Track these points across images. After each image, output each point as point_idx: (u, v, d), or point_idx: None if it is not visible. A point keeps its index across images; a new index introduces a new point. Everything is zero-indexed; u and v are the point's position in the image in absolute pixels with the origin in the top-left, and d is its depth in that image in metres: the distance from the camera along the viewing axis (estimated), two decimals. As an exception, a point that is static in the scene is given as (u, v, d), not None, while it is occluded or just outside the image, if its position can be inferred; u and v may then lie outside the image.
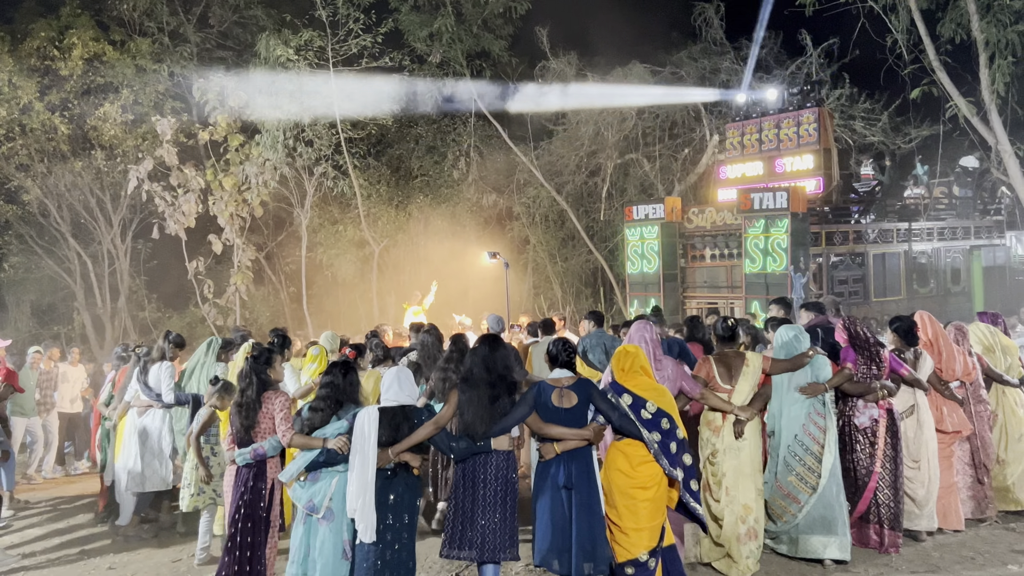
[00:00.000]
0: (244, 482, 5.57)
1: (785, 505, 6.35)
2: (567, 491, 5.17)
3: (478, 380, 5.29)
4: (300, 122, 18.05)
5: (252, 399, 5.59)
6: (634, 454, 5.27)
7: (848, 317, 6.97)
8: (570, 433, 5.23)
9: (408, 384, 5.38)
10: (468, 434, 5.25)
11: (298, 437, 5.38)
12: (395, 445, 5.18)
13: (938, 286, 15.51)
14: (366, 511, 5.06)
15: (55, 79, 18.25)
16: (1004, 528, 7.11)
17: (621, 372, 5.45)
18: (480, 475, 5.28)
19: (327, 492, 5.24)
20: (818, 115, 14.87)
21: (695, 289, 15.18)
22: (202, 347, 8.11)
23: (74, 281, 20.73)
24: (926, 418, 6.85)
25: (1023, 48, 12.97)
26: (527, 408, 5.26)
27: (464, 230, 21.02)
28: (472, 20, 18.97)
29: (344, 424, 5.33)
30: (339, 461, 5.26)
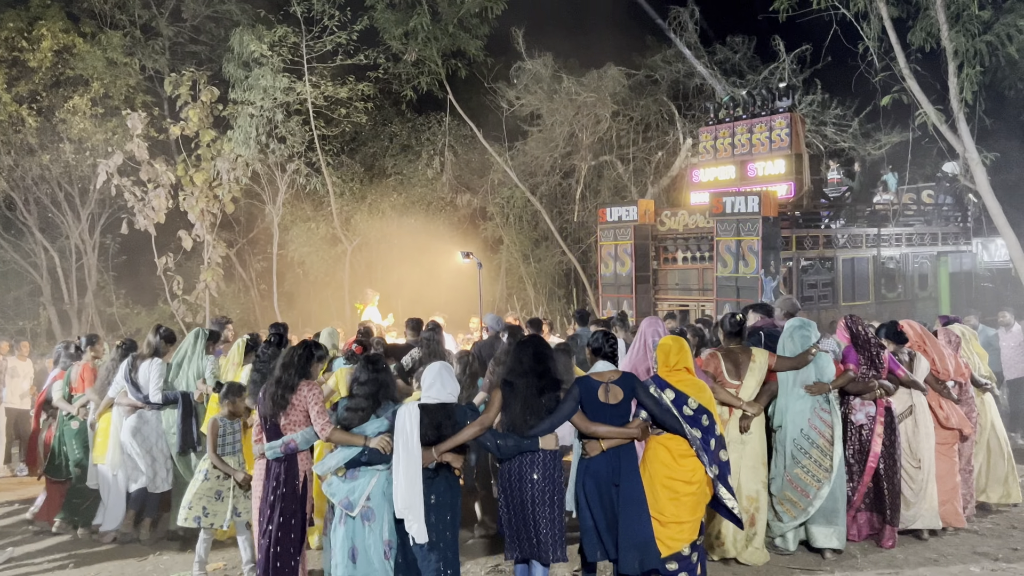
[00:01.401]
0: (276, 476, 5.38)
1: (795, 499, 6.50)
2: (614, 487, 5.19)
3: (523, 375, 5.22)
4: (273, 118, 17.92)
5: (289, 384, 5.37)
6: (675, 448, 5.34)
7: (850, 317, 7.10)
8: (615, 432, 5.22)
9: (450, 381, 5.29)
10: (515, 430, 5.17)
11: (338, 433, 5.22)
12: (438, 444, 5.08)
13: (906, 291, 15.70)
14: (416, 512, 4.96)
15: (23, 70, 17.98)
16: (968, 530, 7.22)
17: (665, 368, 5.51)
18: (528, 474, 5.17)
19: (365, 490, 5.13)
20: (790, 120, 14.99)
21: (667, 291, 15.24)
22: (188, 339, 7.74)
23: (40, 276, 20.43)
24: (923, 418, 7.04)
25: (991, 58, 13.18)
26: (574, 404, 5.23)
27: (438, 229, 20.97)
28: (448, 19, 18.92)
29: (384, 422, 5.22)
30: (382, 461, 5.14)
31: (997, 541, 6.93)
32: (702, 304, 14.31)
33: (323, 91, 18.82)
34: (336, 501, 5.16)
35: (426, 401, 5.19)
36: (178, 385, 7.47)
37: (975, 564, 6.38)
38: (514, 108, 20.34)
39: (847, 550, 6.64)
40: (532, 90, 20.01)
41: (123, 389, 7.50)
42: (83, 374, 8.14)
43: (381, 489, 5.13)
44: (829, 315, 13.19)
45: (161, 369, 7.43)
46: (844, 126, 18.77)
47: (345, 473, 5.19)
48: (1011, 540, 6.95)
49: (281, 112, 18.03)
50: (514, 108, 20.34)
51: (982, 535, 7.10)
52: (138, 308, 21.16)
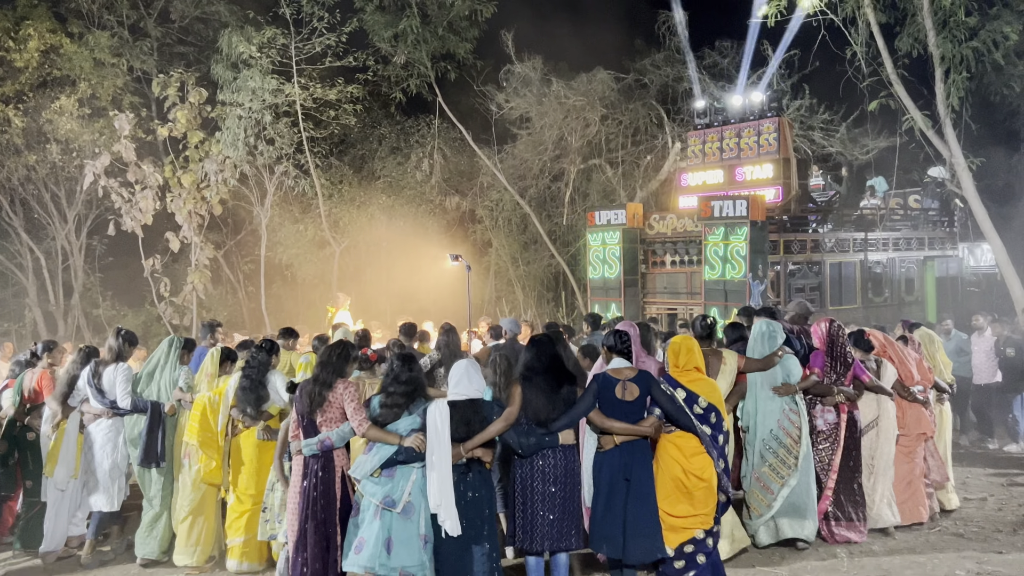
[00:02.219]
0: (313, 473, 5.39)
1: (761, 496, 6.67)
2: (626, 482, 5.33)
3: (541, 371, 5.42)
4: (262, 120, 17.86)
5: (326, 382, 5.41)
6: (686, 446, 5.48)
7: (833, 322, 7.20)
8: (630, 429, 5.38)
9: (477, 378, 5.37)
10: (536, 424, 5.33)
11: (373, 429, 5.24)
12: (468, 441, 5.17)
13: (892, 295, 15.78)
14: (449, 506, 5.03)
15: (9, 70, 17.87)
16: (953, 533, 7.26)
17: (676, 368, 5.66)
18: (549, 469, 5.35)
19: (406, 487, 5.15)
20: (778, 125, 15.05)
21: (655, 295, 15.27)
22: (162, 347, 7.30)
23: (26, 277, 20.30)
24: (885, 424, 7.20)
25: (977, 64, 13.26)
26: (592, 399, 5.40)
27: (426, 232, 20.95)
28: (438, 22, 18.92)
29: (416, 419, 5.24)
30: (418, 459, 5.17)
31: (982, 543, 6.98)
32: (690, 308, 14.33)
33: (312, 93, 18.78)
34: (377, 501, 5.14)
35: (454, 398, 5.26)
36: (148, 395, 7.04)
37: (960, 567, 6.41)
38: (503, 111, 20.36)
39: (832, 552, 6.69)
40: (521, 93, 20.03)
41: (85, 397, 7.09)
42: (40, 381, 7.56)
43: (419, 486, 5.18)
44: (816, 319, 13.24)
45: (128, 374, 7.05)
46: (832, 131, 18.86)
47: (381, 473, 5.21)
48: (995, 543, 7.00)
49: (270, 114, 17.98)
50: (503, 111, 20.36)
51: (967, 538, 7.14)
52: (125, 310, 21.03)
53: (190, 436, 6.69)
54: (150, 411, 6.94)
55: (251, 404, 6.56)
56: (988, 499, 8.38)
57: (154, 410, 6.96)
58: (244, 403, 6.58)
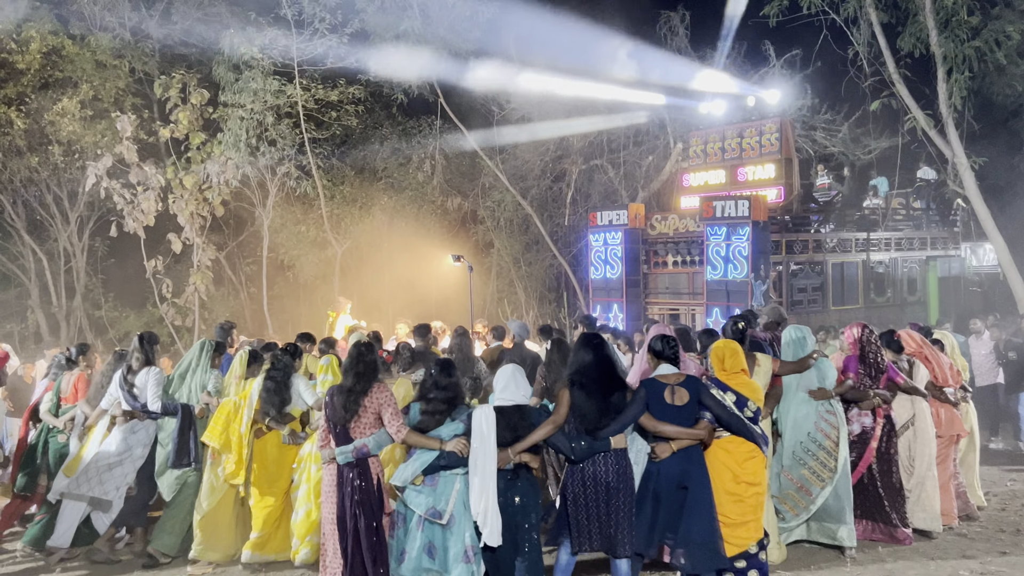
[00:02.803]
0: (350, 482, 5.27)
1: (798, 498, 6.65)
2: (682, 490, 5.29)
3: (590, 375, 5.31)
4: (263, 121, 17.86)
5: (362, 389, 5.30)
6: (737, 451, 5.48)
7: (865, 327, 7.17)
8: (684, 432, 5.31)
9: (523, 383, 5.33)
10: (587, 430, 5.24)
11: (413, 435, 5.17)
12: (514, 445, 5.11)
13: (895, 295, 15.76)
14: (491, 515, 4.95)
15: (12, 72, 17.87)
16: (957, 534, 7.26)
17: (723, 371, 5.64)
18: (601, 473, 5.26)
19: (450, 498, 5.09)
20: (780, 125, 15.05)
21: (657, 295, 15.26)
22: (193, 351, 7.42)
23: (28, 279, 20.30)
24: (922, 426, 7.20)
25: (979, 63, 13.25)
26: (641, 405, 5.32)
27: (428, 233, 20.95)
28: (439, 22, 18.90)
29: (460, 425, 5.19)
30: (460, 464, 5.10)
31: (985, 544, 6.97)
32: (692, 308, 14.33)
33: (314, 94, 18.77)
34: (421, 512, 5.09)
35: (501, 403, 5.22)
36: (179, 397, 7.17)
37: (964, 568, 6.40)
38: (505, 112, 20.34)
39: (836, 554, 6.67)
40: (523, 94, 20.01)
41: (116, 400, 7.17)
42: (76, 384, 7.74)
43: (463, 497, 5.12)
44: (818, 319, 13.25)
45: (159, 377, 7.13)
46: (834, 131, 18.84)
47: (424, 481, 5.14)
48: (999, 543, 6.99)
49: (271, 115, 17.98)
50: (505, 112, 20.34)
51: (970, 539, 7.13)
52: (127, 311, 21.04)
53: (211, 439, 6.78)
54: (180, 413, 7.03)
55: (275, 407, 6.72)
56: (991, 499, 8.36)
57: (184, 412, 7.06)
58: (268, 405, 6.72)
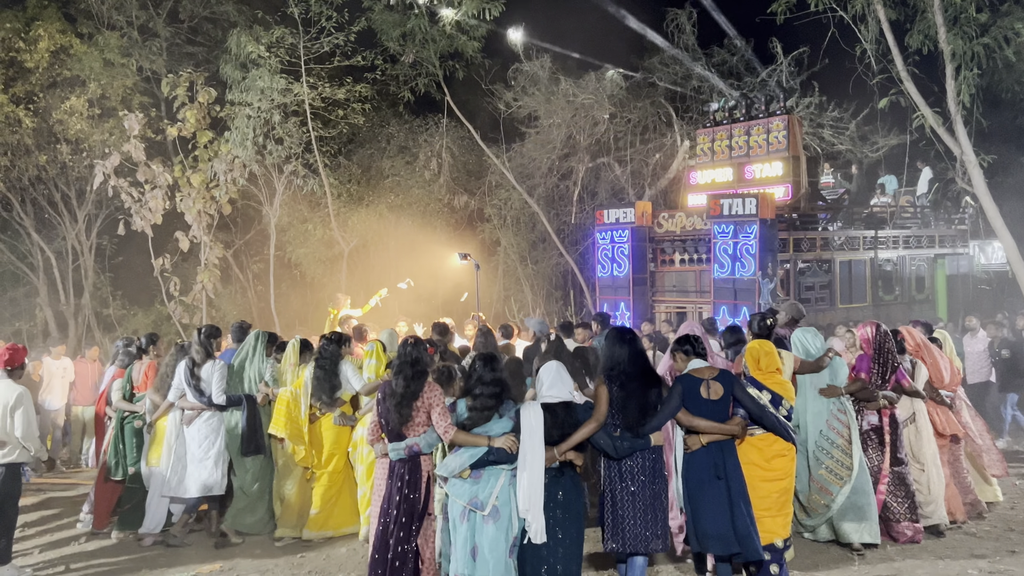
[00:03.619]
0: (400, 476, 5.37)
1: (819, 498, 6.71)
2: (718, 480, 5.36)
3: (627, 371, 5.37)
4: (270, 120, 17.89)
5: (417, 391, 5.34)
6: (767, 448, 5.58)
7: (879, 326, 7.19)
8: (717, 428, 5.40)
9: (568, 380, 5.39)
10: (627, 426, 5.30)
11: (461, 434, 5.21)
12: (561, 443, 5.15)
13: (903, 293, 15.71)
14: (537, 512, 5.01)
15: (20, 71, 17.93)
16: (965, 532, 7.23)
17: (758, 370, 5.75)
18: (638, 470, 5.33)
19: (494, 489, 5.12)
20: (787, 123, 15.00)
21: (664, 293, 15.24)
22: (248, 341, 7.78)
23: (37, 276, 20.37)
24: (923, 423, 7.29)
25: (988, 60, 13.18)
26: (678, 400, 5.40)
27: (435, 231, 20.96)
28: (445, 21, 18.91)
29: (508, 422, 5.21)
30: (508, 460, 5.13)
31: (994, 543, 6.94)
32: (699, 306, 14.30)
33: (320, 92, 18.79)
34: (464, 502, 5.13)
35: (546, 400, 5.25)
36: (238, 387, 7.49)
37: (972, 567, 6.38)
38: (511, 110, 20.34)
39: (844, 552, 6.65)
40: (529, 92, 20.02)
41: (182, 392, 7.41)
42: (147, 372, 8.01)
43: (507, 490, 5.15)
44: (826, 317, 13.22)
45: (224, 371, 7.42)
46: (841, 128, 18.78)
47: (470, 473, 5.18)
48: (1008, 542, 6.96)
49: (278, 113, 17.99)
50: (511, 110, 20.34)
51: (979, 537, 7.11)
52: (135, 309, 21.10)
53: (278, 430, 7.21)
54: (246, 405, 7.40)
55: (326, 392, 7.21)
56: (1001, 498, 8.32)
57: (250, 403, 7.41)
58: (319, 391, 7.20)
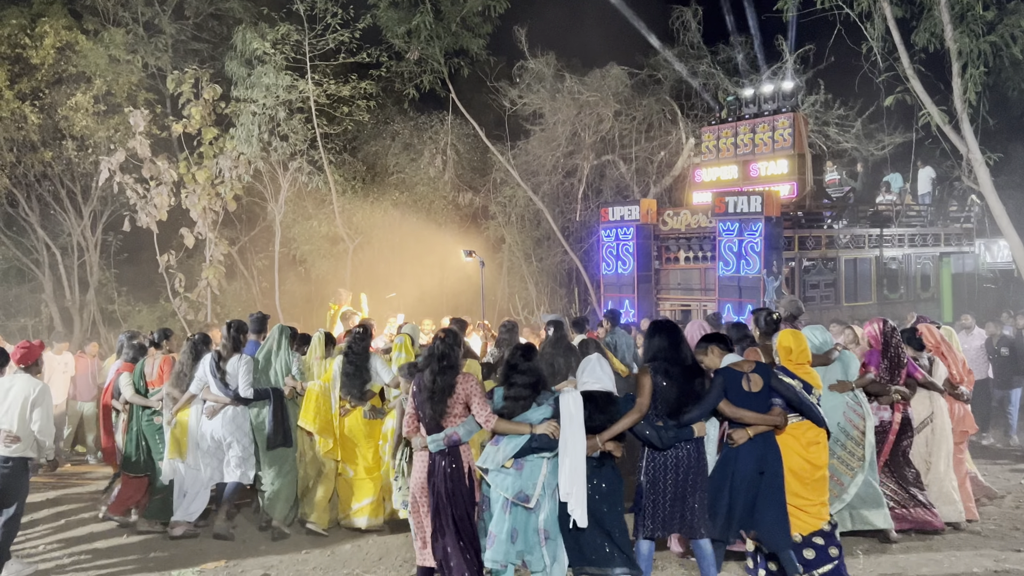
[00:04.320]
0: (442, 470, 5.36)
1: (831, 488, 6.69)
2: (759, 475, 5.45)
3: (670, 361, 5.48)
4: (275, 116, 17.90)
5: (448, 384, 5.35)
6: (803, 436, 5.67)
7: (885, 322, 7.28)
8: (762, 419, 5.47)
9: (608, 371, 5.44)
10: (670, 415, 5.40)
11: (502, 423, 5.23)
12: (602, 432, 5.22)
13: (908, 292, 15.69)
14: (580, 497, 5.06)
15: (26, 67, 17.96)
16: (971, 531, 7.22)
17: (789, 360, 5.86)
18: (682, 460, 5.43)
19: (537, 481, 5.15)
20: (793, 120, 14.99)
21: (669, 291, 15.24)
22: (273, 335, 7.77)
23: (42, 273, 20.42)
24: (940, 423, 7.31)
25: (995, 58, 13.14)
26: (721, 391, 5.48)
27: (440, 228, 20.96)
28: (451, 18, 18.90)
29: (548, 409, 5.25)
30: (550, 447, 5.16)
31: (999, 541, 6.93)
32: (704, 304, 14.29)
33: (325, 89, 18.80)
34: (509, 495, 5.14)
35: (586, 389, 5.31)
36: (264, 382, 7.50)
37: (977, 565, 6.37)
38: (516, 107, 20.33)
39: (849, 549, 6.63)
40: (534, 89, 20.01)
41: (205, 384, 7.42)
42: (163, 366, 7.99)
43: (549, 480, 5.20)
44: (831, 315, 13.17)
45: (250, 364, 7.42)
46: (847, 126, 18.74)
47: (512, 464, 5.20)
48: (1013, 541, 6.95)
49: (283, 110, 18.01)
50: (516, 107, 20.33)
51: (985, 536, 7.10)
52: (140, 305, 21.14)
53: (307, 423, 7.28)
54: (273, 398, 7.41)
55: (356, 388, 7.31)
56: (1005, 496, 8.32)
57: (276, 396, 7.44)
58: (350, 387, 7.30)
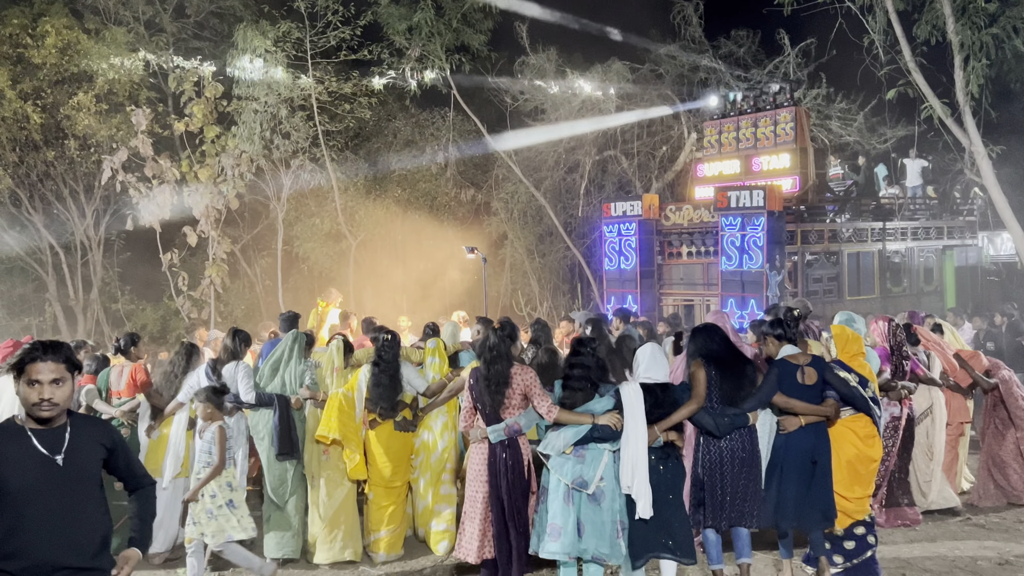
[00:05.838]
0: (503, 462, 5.42)
1: None
2: (812, 464, 5.55)
3: (722, 350, 5.61)
4: (277, 114, 17.91)
5: (503, 374, 5.43)
6: (860, 429, 5.77)
7: (891, 320, 7.36)
8: (814, 409, 5.57)
9: (664, 362, 5.53)
10: (727, 403, 5.51)
11: (565, 413, 5.27)
12: (660, 422, 5.29)
13: (911, 285, 15.67)
14: (643, 487, 5.11)
15: (27, 67, 17.96)
16: (975, 524, 7.23)
17: (844, 353, 5.97)
18: (738, 449, 5.53)
19: (598, 469, 5.17)
20: (795, 114, 14.96)
21: (672, 286, 15.23)
22: (285, 341, 7.22)
23: (45, 272, 20.44)
24: (939, 414, 7.50)
25: (997, 51, 13.11)
26: (776, 381, 5.58)
27: (442, 225, 20.97)
28: (451, 14, 18.89)
29: (610, 400, 5.29)
30: (612, 437, 5.20)
31: (1003, 533, 6.94)
32: (707, 299, 14.29)
33: (327, 86, 18.80)
34: (568, 481, 5.16)
35: (644, 381, 5.38)
36: (272, 388, 6.95)
37: (981, 556, 6.38)
38: (518, 103, 20.32)
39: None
40: (536, 85, 19.99)
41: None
42: (134, 375, 7.30)
43: (611, 470, 5.22)
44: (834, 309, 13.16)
45: (248, 370, 6.91)
46: (849, 120, 18.72)
47: (572, 451, 5.22)
48: (1017, 533, 6.96)
49: (285, 107, 18.01)
50: (518, 103, 20.32)
51: (989, 528, 7.10)
52: (143, 304, 21.16)
53: (330, 432, 6.54)
54: (278, 404, 6.84)
55: (388, 400, 6.65)
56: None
57: (282, 403, 6.85)
58: (381, 399, 6.64)
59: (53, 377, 3.27)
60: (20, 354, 3.31)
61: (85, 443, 3.42)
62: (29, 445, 3.30)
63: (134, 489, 3.77)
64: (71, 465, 3.34)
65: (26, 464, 3.27)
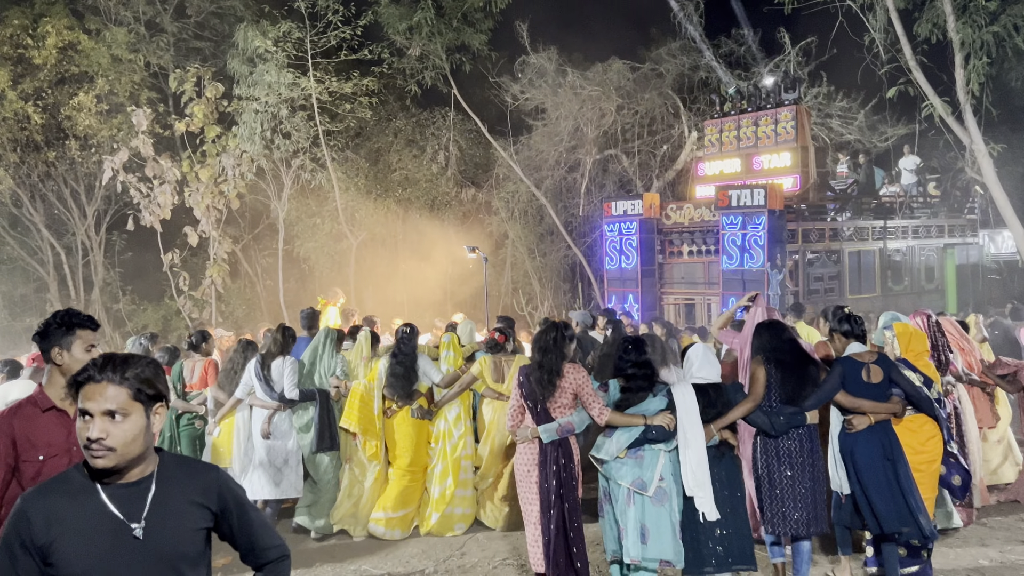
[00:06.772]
0: (554, 461, 5.32)
1: None
2: (888, 462, 5.39)
3: (784, 348, 5.53)
4: (278, 114, 17.92)
5: (554, 369, 5.34)
6: (920, 430, 5.64)
7: (929, 316, 7.22)
8: (881, 407, 5.44)
9: (715, 362, 5.50)
10: (787, 401, 5.42)
11: (616, 415, 5.23)
12: (715, 421, 5.26)
13: (912, 283, 15.67)
14: (707, 489, 5.09)
15: (28, 68, 17.99)
16: (977, 523, 7.22)
17: (908, 352, 5.89)
18: (795, 450, 5.44)
19: (656, 470, 5.12)
20: (796, 113, 14.95)
21: (673, 285, 15.23)
22: (319, 338, 7.59)
23: (47, 272, 20.47)
24: (967, 408, 7.38)
25: (998, 49, 13.11)
26: (838, 379, 5.45)
27: (443, 224, 20.97)
28: (452, 14, 18.90)
29: (663, 400, 5.26)
30: (667, 438, 5.16)
31: (1005, 533, 6.93)
32: (708, 298, 14.29)
33: (327, 86, 18.81)
34: (627, 483, 5.12)
35: (697, 381, 5.35)
36: (308, 383, 7.29)
37: (983, 557, 6.37)
38: (518, 102, 20.32)
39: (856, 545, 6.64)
40: (536, 84, 19.99)
41: (251, 389, 7.16)
42: (206, 369, 7.66)
43: (669, 470, 5.18)
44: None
45: (295, 366, 7.18)
46: (850, 118, 18.71)
47: (627, 454, 5.19)
48: (1019, 532, 6.95)
49: (286, 107, 18.03)
50: (518, 102, 20.32)
51: (991, 528, 7.09)
52: (144, 304, 21.18)
53: (350, 424, 7.09)
54: (319, 399, 7.21)
55: (403, 388, 7.13)
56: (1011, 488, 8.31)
57: (323, 397, 7.24)
58: (397, 389, 7.14)
59: (107, 408, 2.26)
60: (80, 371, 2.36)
61: (177, 504, 2.40)
62: (98, 504, 2.32)
63: (259, 565, 2.64)
64: (154, 538, 2.34)
65: (94, 536, 2.29)
